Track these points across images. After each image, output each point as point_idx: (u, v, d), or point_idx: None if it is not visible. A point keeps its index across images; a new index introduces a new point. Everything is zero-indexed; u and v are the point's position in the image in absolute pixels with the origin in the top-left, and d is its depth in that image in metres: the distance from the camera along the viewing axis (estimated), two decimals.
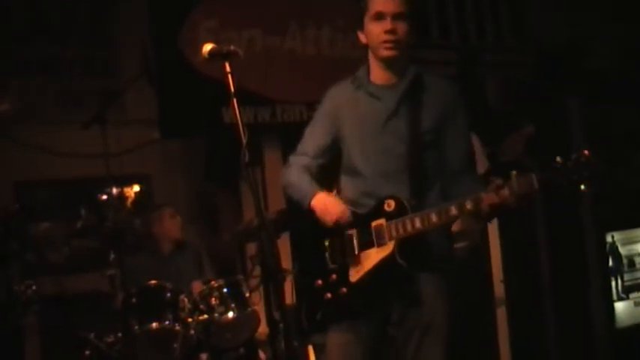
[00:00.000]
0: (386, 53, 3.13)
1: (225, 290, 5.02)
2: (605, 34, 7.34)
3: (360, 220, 3.12)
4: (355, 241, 3.13)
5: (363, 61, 3.29)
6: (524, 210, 2.88)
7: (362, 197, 3.17)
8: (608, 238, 7.55)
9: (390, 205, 3.05)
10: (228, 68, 3.01)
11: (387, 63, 3.18)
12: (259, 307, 5.11)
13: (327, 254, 3.19)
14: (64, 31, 6.52)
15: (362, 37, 3.23)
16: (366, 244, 3.11)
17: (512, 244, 6.87)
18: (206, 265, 5.83)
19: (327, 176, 3.39)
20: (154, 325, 4.86)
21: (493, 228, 6.67)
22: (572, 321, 7.15)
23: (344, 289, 3.12)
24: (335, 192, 3.36)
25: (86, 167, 6.02)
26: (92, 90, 6.31)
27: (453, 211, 2.95)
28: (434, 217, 2.97)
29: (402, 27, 3.10)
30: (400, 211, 3.03)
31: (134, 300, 4.89)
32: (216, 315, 4.93)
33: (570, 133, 7.61)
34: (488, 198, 2.88)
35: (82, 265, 6.09)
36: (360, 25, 3.23)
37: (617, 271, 7.57)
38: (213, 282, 5.11)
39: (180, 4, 6.09)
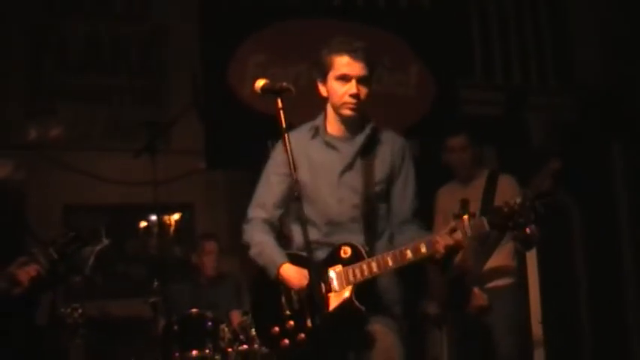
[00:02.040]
0: (348, 113, 3.19)
1: None
2: None
3: (317, 267, 3.11)
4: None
5: (411, 100, 3.32)
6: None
7: (313, 244, 3.10)
8: None
9: (346, 252, 3.12)
10: (280, 104, 3.00)
11: (346, 119, 3.26)
12: None
13: (282, 300, 3.20)
14: (115, 61, 6.68)
15: (322, 90, 3.26)
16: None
17: (551, 284, 6.81)
18: (246, 296, 5.85)
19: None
20: (194, 353, 4.93)
21: (532, 268, 6.62)
22: None
23: (302, 335, 3.13)
24: (285, 239, 3.41)
25: (132, 194, 6.14)
26: (141, 119, 6.39)
27: (409, 255, 3.03)
28: (390, 261, 3.05)
29: (364, 90, 3.18)
30: (356, 257, 3.11)
31: (175, 328, 4.96)
32: (255, 346, 4.95)
33: (614, 175, 7.56)
34: (443, 240, 2.98)
35: (126, 291, 6.20)
36: (320, 76, 3.24)
37: None
38: None
39: (229, 39, 6.23)
